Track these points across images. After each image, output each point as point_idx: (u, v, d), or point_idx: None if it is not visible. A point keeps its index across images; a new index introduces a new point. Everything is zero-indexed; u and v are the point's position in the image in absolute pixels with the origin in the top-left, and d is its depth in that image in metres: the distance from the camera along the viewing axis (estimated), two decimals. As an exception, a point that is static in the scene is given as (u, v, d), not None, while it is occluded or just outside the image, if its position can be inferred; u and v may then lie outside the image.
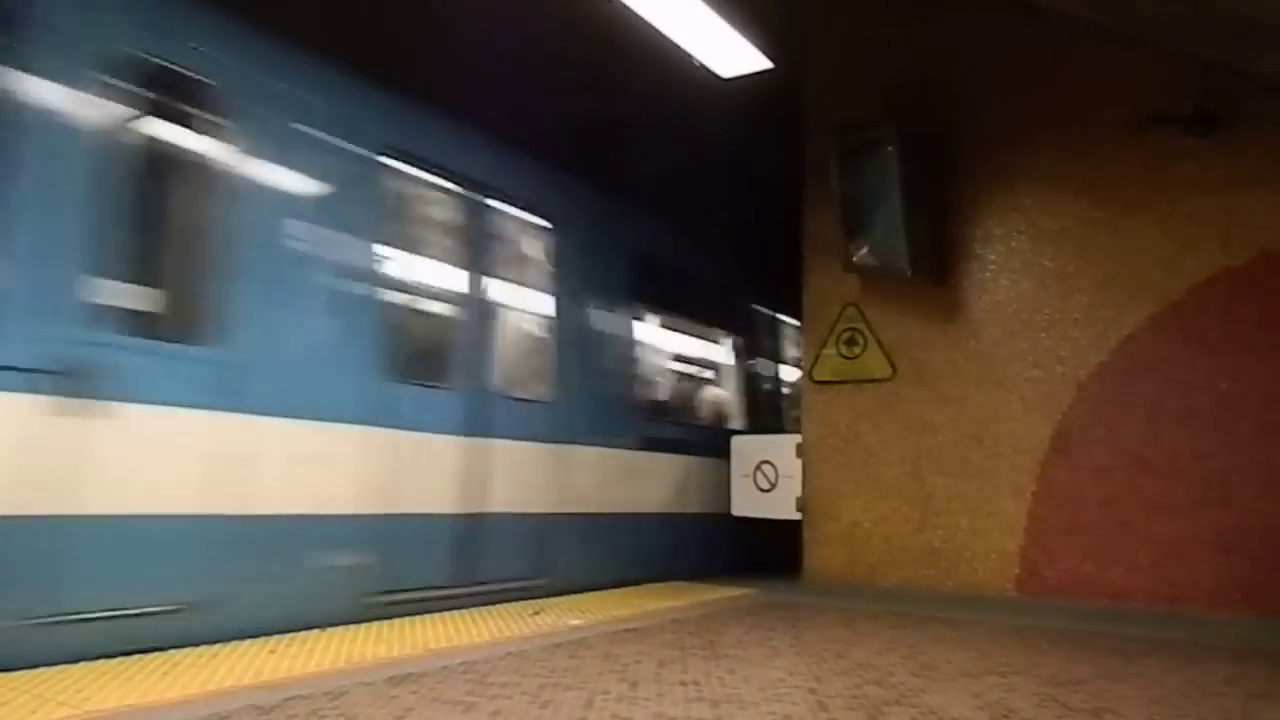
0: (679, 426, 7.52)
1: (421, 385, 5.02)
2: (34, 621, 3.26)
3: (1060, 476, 5.74)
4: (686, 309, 8.16)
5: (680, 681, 3.31)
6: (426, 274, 5.44)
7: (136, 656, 3.43)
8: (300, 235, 4.38)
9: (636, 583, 6.38)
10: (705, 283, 8.29)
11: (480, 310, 5.51)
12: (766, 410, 8.93)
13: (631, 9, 5.16)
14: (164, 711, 2.73)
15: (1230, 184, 5.37)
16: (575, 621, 4.67)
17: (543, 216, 6.09)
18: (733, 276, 8.68)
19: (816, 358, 6.81)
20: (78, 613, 3.37)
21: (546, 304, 6.06)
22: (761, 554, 7.55)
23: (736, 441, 7.27)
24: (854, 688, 3.29)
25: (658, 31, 5.43)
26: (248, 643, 3.77)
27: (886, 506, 6.35)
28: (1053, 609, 5.47)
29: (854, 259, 6.25)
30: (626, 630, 4.45)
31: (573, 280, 6.25)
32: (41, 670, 3.14)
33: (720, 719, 2.81)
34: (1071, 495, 5.69)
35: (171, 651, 3.53)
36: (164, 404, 3.70)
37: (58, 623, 3.31)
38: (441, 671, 3.38)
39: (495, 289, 5.62)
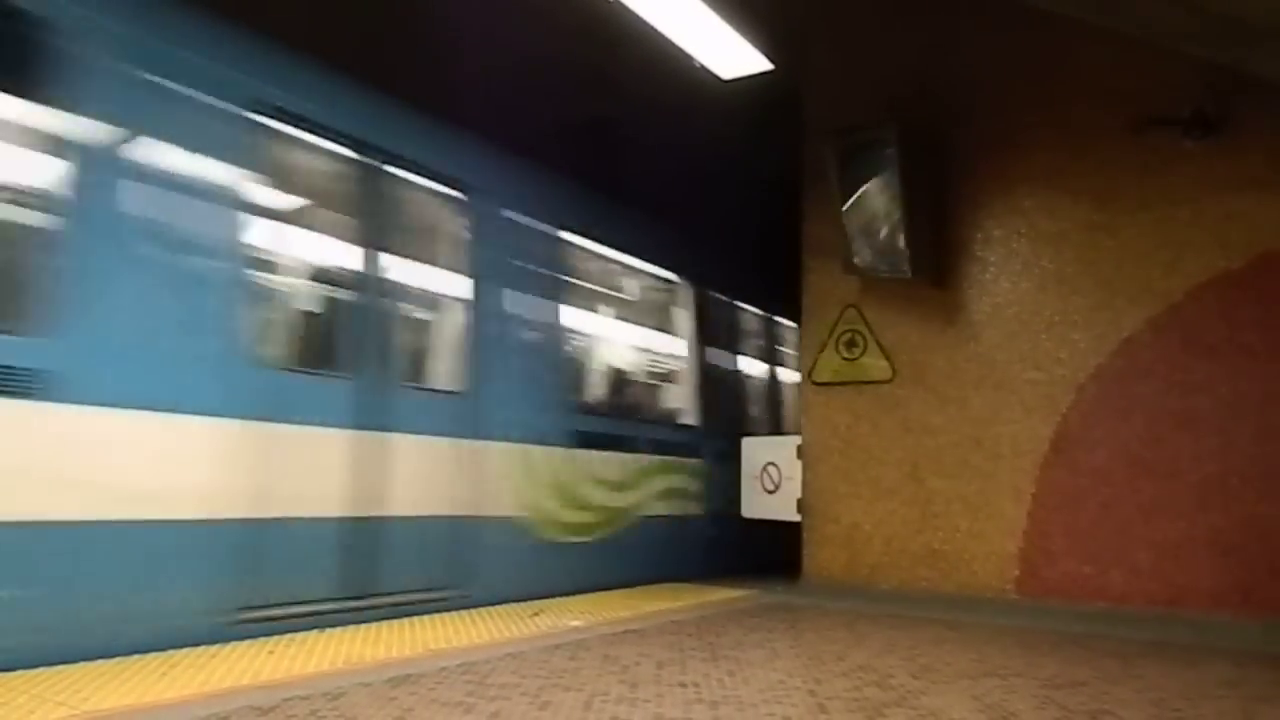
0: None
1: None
2: None
3: (1060, 479, 5.74)
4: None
5: (679, 683, 3.31)
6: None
7: (135, 657, 3.43)
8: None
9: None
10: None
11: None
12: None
13: (631, 9, 5.16)
14: (163, 712, 2.73)
15: (1229, 186, 5.37)
16: (575, 623, 4.67)
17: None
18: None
19: (816, 359, 6.81)
20: None
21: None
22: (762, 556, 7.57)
23: (746, 443, 7.28)
24: (853, 690, 3.29)
25: (658, 32, 5.44)
26: (246, 643, 3.77)
27: (886, 508, 6.35)
28: (1052, 611, 5.46)
29: (854, 261, 6.26)
30: (626, 632, 4.45)
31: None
32: (40, 670, 3.14)
33: (719, 720, 2.81)
34: (1071, 497, 5.69)
35: (170, 652, 3.53)
36: None
37: None
38: (440, 672, 3.38)
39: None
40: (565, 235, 6.39)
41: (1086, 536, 5.60)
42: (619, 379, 7.47)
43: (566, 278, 6.41)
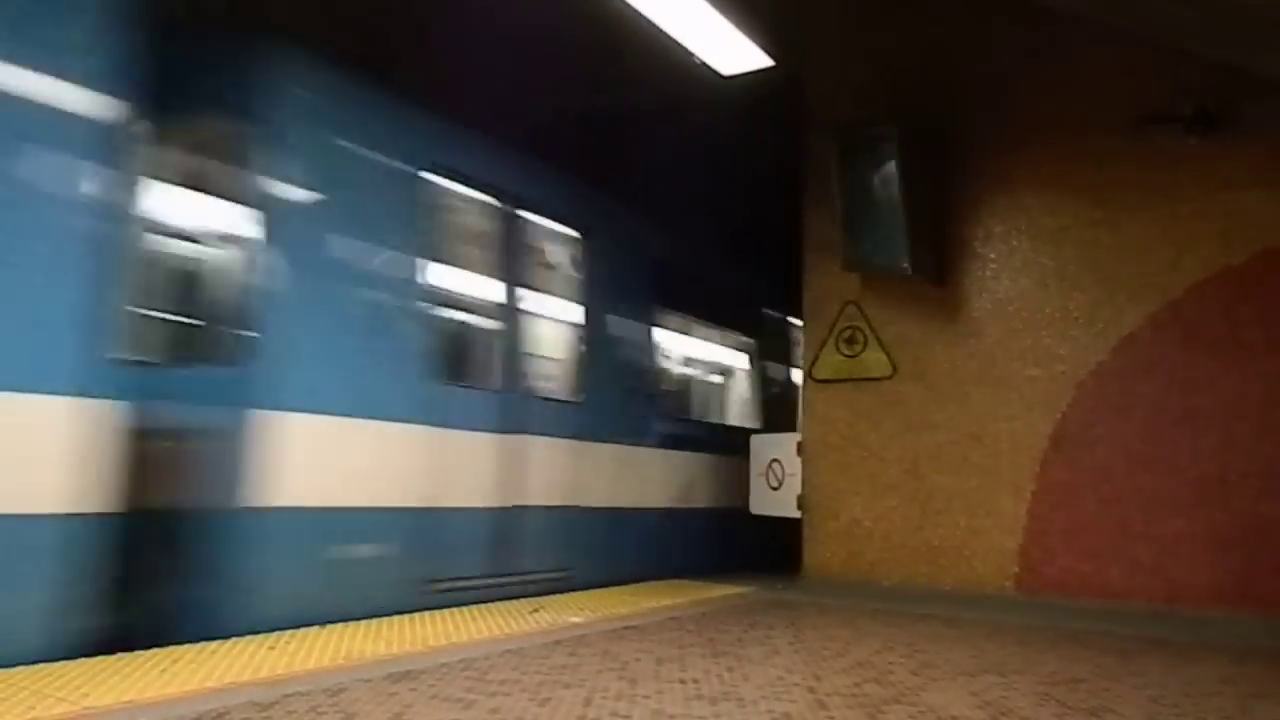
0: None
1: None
2: None
3: (1060, 475, 5.74)
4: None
5: (679, 679, 3.31)
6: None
7: (136, 653, 3.44)
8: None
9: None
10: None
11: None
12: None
13: (632, 6, 5.15)
14: (163, 708, 2.74)
15: (1231, 184, 5.36)
16: (575, 619, 4.67)
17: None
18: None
19: (816, 356, 6.81)
20: None
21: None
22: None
23: (754, 440, 7.33)
24: (853, 686, 3.30)
25: (658, 29, 5.43)
26: (247, 639, 3.77)
27: (886, 505, 6.35)
28: (1051, 608, 5.47)
29: (854, 257, 6.25)
30: (626, 628, 4.45)
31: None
32: (40, 666, 3.14)
33: (719, 717, 2.81)
34: (1071, 494, 5.69)
35: (171, 648, 3.54)
36: None
37: None
38: (440, 669, 3.38)
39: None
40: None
41: (1086, 533, 5.61)
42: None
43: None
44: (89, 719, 2.60)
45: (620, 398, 6.69)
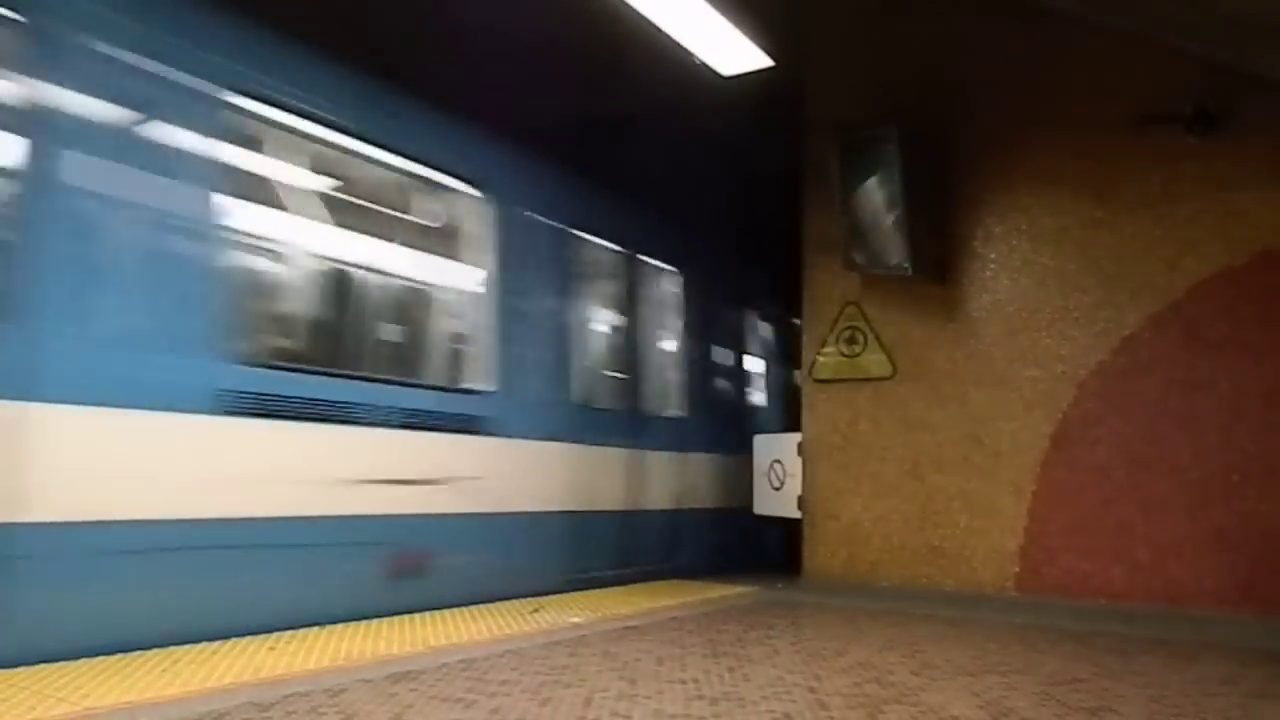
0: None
1: None
2: None
3: (1060, 476, 5.74)
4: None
5: (680, 679, 3.31)
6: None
7: (136, 653, 3.43)
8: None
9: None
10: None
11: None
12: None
13: (632, 6, 5.15)
14: (163, 708, 2.74)
15: (1231, 183, 5.36)
16: (575, 619, 4.67)
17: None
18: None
19: (817, 356, 6.81)
20: None
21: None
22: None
23: (757, 440, 7.35)
24: (853, 686, 3.29)
25: (658, 29, 5.42)
26: (247, 639, 3.77)
27: (886, 505, 6.35)
28: (1052, 608, 5.47)
29: (854, 257, 6.25)
30: (626, 628, 4.45)
31: None
32: (41, 667, 3.14)
33: (720, 717, 2.81)
34: (1071, 494, 5.69)
35: (171, 648, 3.54)
36: None
37: None
38: (441, 669, 3.38)
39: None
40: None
41: (1087, 533, 5.60)
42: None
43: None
44: (89, 719, 2.60)
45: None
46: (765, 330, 9.43)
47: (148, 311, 3.73)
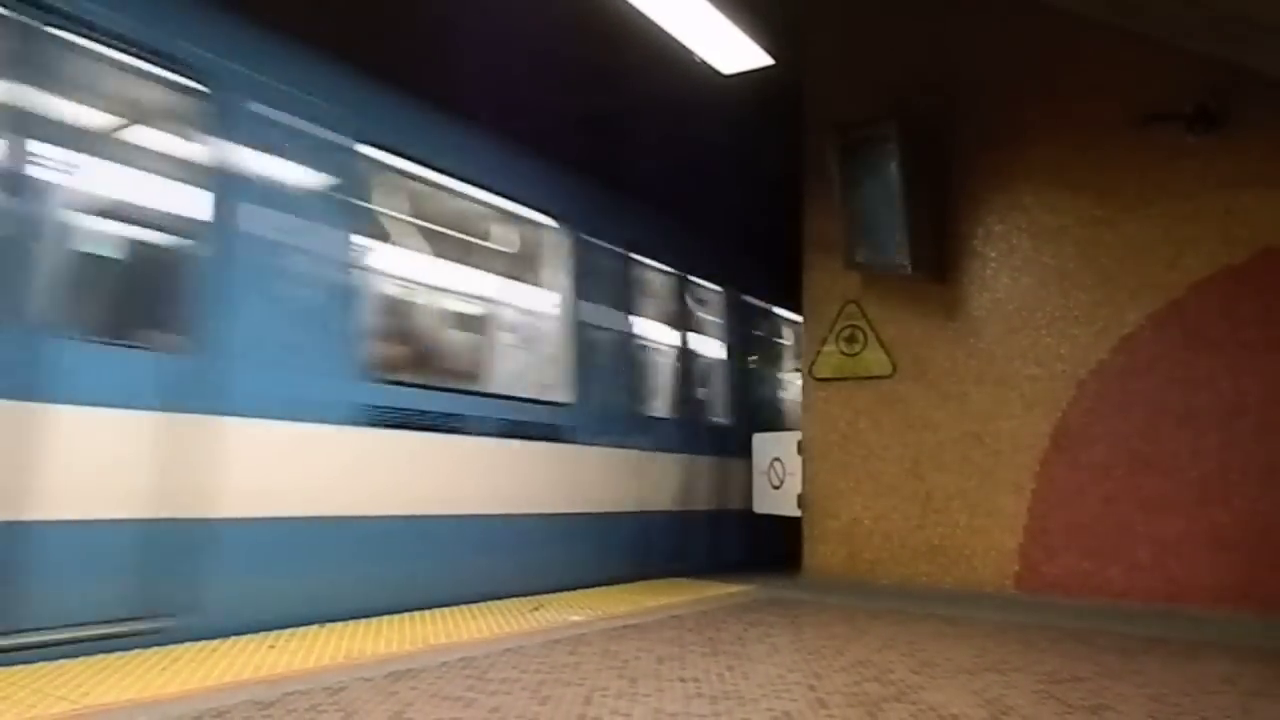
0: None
1: None
2: None
3: (1060, 474, 5.74)
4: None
5: (679, 678, 3.31)
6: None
7: (136, 651, 3.44)
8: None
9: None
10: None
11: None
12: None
13: (633, 5, 5.14)
14: (163, 706, 2.74)
15: (1231, 182, 5.36)
16: (575, 618, 4.67)
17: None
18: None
19: (817, 355, 6.81)
20: None
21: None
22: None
23: (756, 439, 7.38)
24: (853, 684, 3.30)
25: (658, 27, 5.42)
26: (247, 638, 3.77)
27: (886, 504, 6.35)
28: (1052, 606, 5.47)
29: (854, 256, 6.25)
30: (626, 627, 4.45)
31: None
32: (41, 665, 3.14)
33: (719, 715, 2.81)
34: (1071, 493, 5.69)
35: (171, 647, 3.54)
36: None
37: None
38: (441, 667, 3.38)
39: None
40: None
41: (1086, 532, 5.61)
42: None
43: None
44: (89, 718, 2.60)
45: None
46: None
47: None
